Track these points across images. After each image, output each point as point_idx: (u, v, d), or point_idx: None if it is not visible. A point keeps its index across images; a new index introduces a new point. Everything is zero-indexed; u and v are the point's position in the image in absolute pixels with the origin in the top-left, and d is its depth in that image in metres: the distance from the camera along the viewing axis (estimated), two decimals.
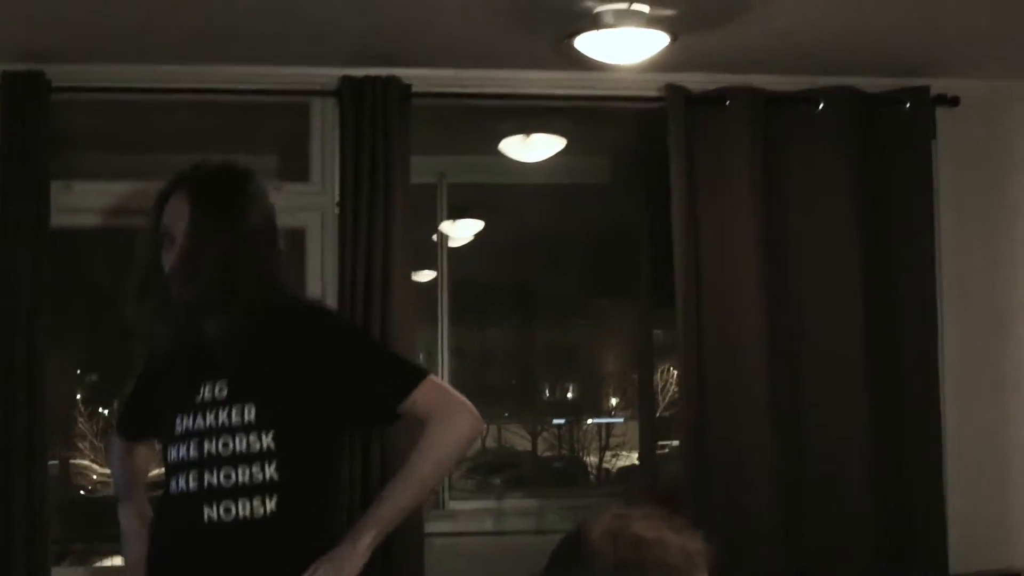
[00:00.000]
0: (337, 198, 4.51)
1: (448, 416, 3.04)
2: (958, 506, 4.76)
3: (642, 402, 6.30)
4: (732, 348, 4.60)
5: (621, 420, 7.49)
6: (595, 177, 5.99)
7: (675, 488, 4.89)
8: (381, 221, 4.44)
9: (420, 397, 3.04)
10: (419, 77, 4.55)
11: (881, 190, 4.73)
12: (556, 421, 7.57)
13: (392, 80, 4.49)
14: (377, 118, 4.45)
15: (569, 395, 7.68)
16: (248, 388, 3.00)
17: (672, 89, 4.61)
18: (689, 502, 4.55)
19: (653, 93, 4.67)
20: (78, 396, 6.53)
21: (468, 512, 5.56)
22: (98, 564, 5.44)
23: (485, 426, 3.16)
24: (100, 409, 6.63)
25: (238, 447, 2.96)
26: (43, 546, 4.31)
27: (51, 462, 5.90)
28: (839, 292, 4.65)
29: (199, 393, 3.00)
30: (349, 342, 3.16)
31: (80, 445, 6.65)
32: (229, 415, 2.98)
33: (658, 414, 6.73)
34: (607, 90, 4.67)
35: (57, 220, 4.40)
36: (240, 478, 2.95)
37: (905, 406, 4.70)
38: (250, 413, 2.97)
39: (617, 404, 7.63)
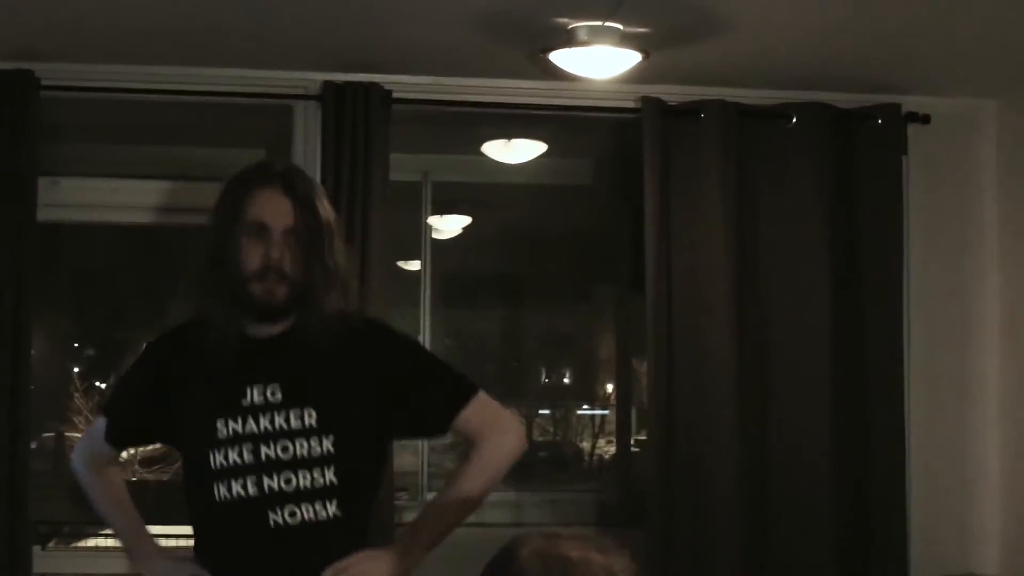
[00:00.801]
0: None
1: (499, 435, 3.08)
2: (920, 512, 4.85)
3: (619, 393, 6.38)
4: (701, 354, 4.68)
5: (606, 412, 7.53)
6: (577, 178, 6.08)
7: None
8: (360, 219, 4.52)
9: (472, 415, 3.07)
10: (399, 83, 4.63)
11: (852, 204, 4.81)
12: (542, 411, 7.60)
13: (373, 86, 4.57)
14: (358, 122, 4.53)
15: (566, 380, 7.71)
16: (306, 392, 2.97)
17: (647, 101, 4.69)
18: (654, 501, 4.65)
19: (630, 104, 4.75)
20: (75, 370, 6.60)
21: None
22: (82, 544, 5.50)
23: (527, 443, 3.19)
24: (97, 383, 6.70)
25: (299, 451, 2.94)
26: (24, 526, 4.36)
27: (47, 434, 6.03)
28: (808, 301, 4.73)
29: (245, 396, 2.95)
30: (408, 355, 3.16)
31: (76, 420, 6.73)
32: (287, 419, 2.95)
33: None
34: (584, 100, 4.75)
35: (43, 215, 4.48)
36: (302, 482, 2.93)
37: (869, 413, 4.79)
38: (311, 417, 2.95)
39: (614, 391, 7.68)
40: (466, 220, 6.19)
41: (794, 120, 4.76)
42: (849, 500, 4.74)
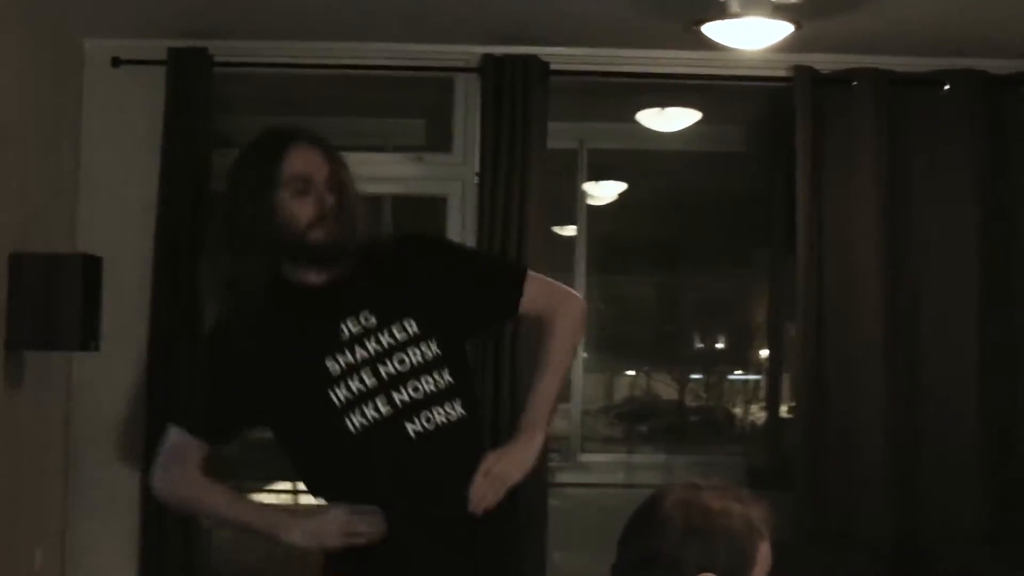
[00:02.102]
0: (477, 168, 4.75)
1: (564, 305, 3.19)
2: None
3: (771, 359, 6.43)
4: (851, 319, 4.74)
5: (759, 377, 7.56)
6: (731, 145, 6.12)
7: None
8: (518, 190, 4.66)
9: (533, 293, 3.17)
10: (556, 55, 4.75)
11: (1005, 170, 4.82)
12: (693, 376, 7.64)
13: (531, 59, 4.70)
14: (516, 94, 4.68)
15: (719, 345, 7.74)
16: (397, 308, 3.06)
17: (800, 70, 4.75)
18: (802, 465, 4.72)
19: (782, 73, 4.80)
20: None
21: (599, 464, 5.79)
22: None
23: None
24: None
25: (414, 359, 3.03)
26: None
27: None
28: (958, 268, 4.76)
29: (341, 332, 3.02)
30: (456, 252, 3.34)
31: None
32: (392, 334, 3.03)
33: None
34: (736, 70, 4.82)
35: (218, 185, 4.63)
36: (427, 387, 3.02)
37: (1019, 379, 4.80)
38: (412, 326, 3.05)
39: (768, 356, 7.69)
40: (622, 186, 6.29)
41: (947, 87, 4.78)
42: (999, 466, 4.76)
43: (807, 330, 4.73)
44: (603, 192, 6.22)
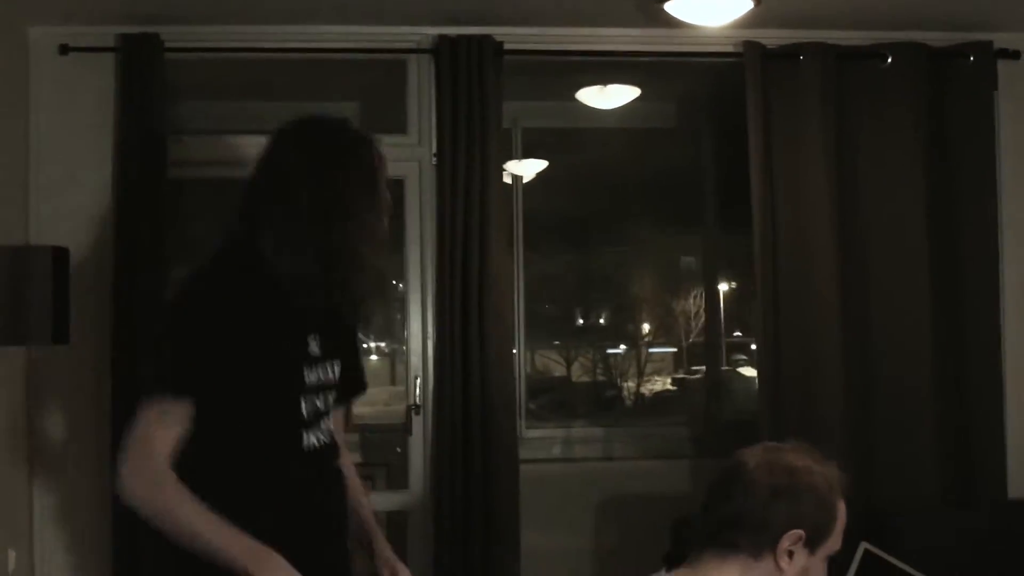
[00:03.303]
0: (434, 149, 4.75)
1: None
2: (1017, 434, 4.97)
3: (708, 329, 6.54)
4: (806, 290, 4.82)
5: (675, 350, 7.67)
6: (663, 121, 6.19)
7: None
8: (478, 169, 4.66)
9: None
10: (509, 35, 4.76)
11: (946, 138, 4.94)
12: (611, 351, 7.70)
13: (486, 39, 4.70)
14: (472, 74, 4.67)
15: (601, 321, 7.80)
16: (334, 345, 3.01)
17: (749, 46, 4.81)
18: (763, 425, 4.79)
19: (730, 49, 4.86)
20: None
21: (538, 440, 5.82)
22: None
23: None
24: None
25: (329, 402, 3.00)
26: None
27: None
28: (905, 234, 4.87)
29: (309, 345, 2.91)
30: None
31: None
32: (328, 371, 2.98)
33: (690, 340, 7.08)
34: (687, 46, 4.86)
35: (170, 172, 4.59)
36: (330, 427, 3.04)
37: (967, 338, 4.94)
38: (336, 370, 3.01)
39: (653, 331, 7.79)
40: (542, 164, 6.32)
41: (889, 60, 4.88)
42: (948, 428, 4.89)
43: (764, 299, 4.81)
44: (523, 170, 6.25)
